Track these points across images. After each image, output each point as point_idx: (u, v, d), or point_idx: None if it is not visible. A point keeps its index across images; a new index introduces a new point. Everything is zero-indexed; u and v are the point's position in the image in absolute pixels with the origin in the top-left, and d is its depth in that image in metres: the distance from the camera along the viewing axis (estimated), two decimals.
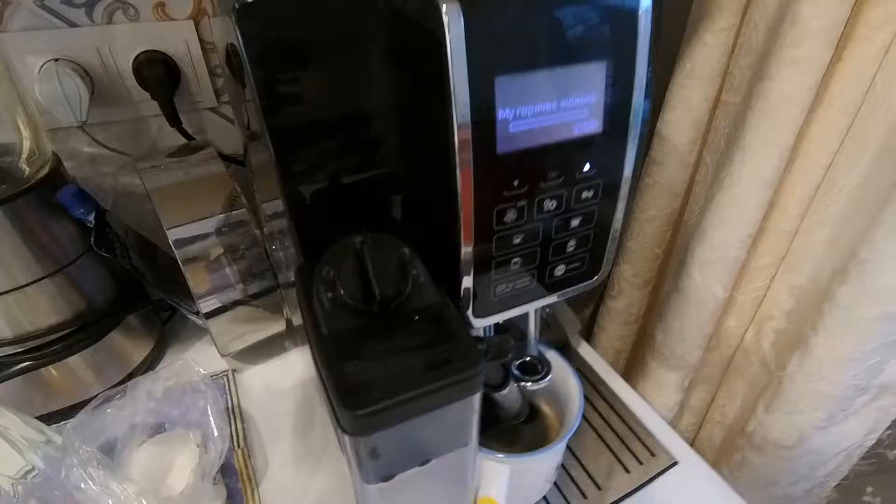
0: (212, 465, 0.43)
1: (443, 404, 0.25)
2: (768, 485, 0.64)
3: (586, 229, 0.33)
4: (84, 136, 0.62)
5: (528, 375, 0.40)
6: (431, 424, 0.26)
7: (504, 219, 0.29)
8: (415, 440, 0.26)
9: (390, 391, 0.24)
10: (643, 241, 0.73)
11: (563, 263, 0.34)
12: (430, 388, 0.24)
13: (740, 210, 0.52)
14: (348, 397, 0.23)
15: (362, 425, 0.23)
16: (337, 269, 0.27)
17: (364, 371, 0.24)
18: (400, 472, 0.27)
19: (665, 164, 0.65)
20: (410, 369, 0.25)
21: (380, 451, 0.25)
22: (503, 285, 0.32)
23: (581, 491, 0.47)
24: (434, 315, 0.28)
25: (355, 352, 0.25)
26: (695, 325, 0.63)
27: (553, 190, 0.30)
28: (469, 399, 0.26)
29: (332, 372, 0.24)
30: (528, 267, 0.32)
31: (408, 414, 0.24)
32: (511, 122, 0.27)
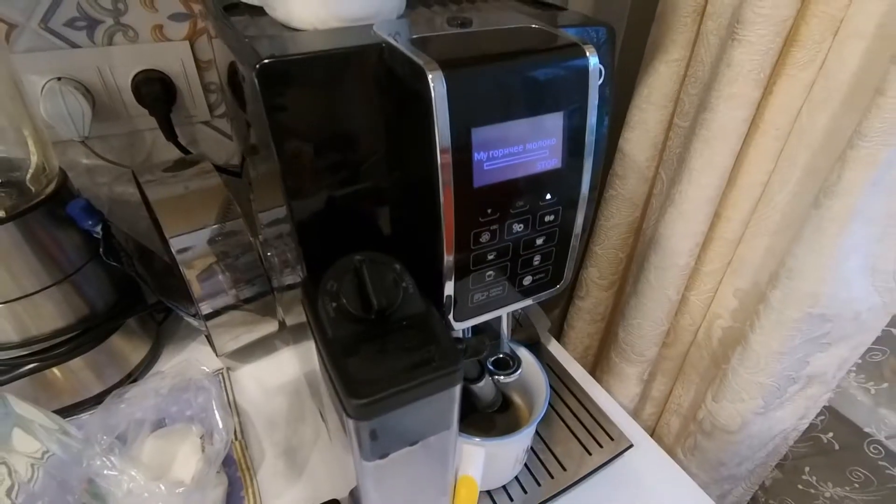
0: (218, 455, 0.48)
1: (429, 394, 0.30)
2: (717, 466, 0.72)
3: (549, 246, 0.39)
4: (82, 148, 0.65)
5: (502, 370, 0.45)
6: (420, 411, 0.31)
7: (480, 239, 0.35)
8: (406, 424, 0.32)
9: (387, 383, 0.29)
10: (608, 247, 0.79)
11: (531, 275, 0.40)
12: (419, 381, 0.30)
13: (688, 223, 0.59)
14: (354, 389, 0.29)
15: (365, 411, 0.29)
16: (339, 283, 0.33)
17: (365, 368, 0.30)
18: (393, 452, 0.32)
19: (626, 178, 0.72)
20: (402, 366, 0.30)
21: (378, 433, 0.30)
22: (479, 294, 0.38)
23: (548, 471, 0.54)
24: (421, 321, 0.33)
25: (357, 352, 0.31)
26: (652, 323, 0.70)
27: (520, 215, 0.35)
28: (451, 390, 0.31)
29: (339, 369, 0.30)
30: (501, 278, 0.38)
31: (401, 402, 0.29)
32: (485, 162, 0.32)
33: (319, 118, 0.33)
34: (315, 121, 0.33)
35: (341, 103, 0.33)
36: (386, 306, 0.32)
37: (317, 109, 0.32)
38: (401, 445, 0.33)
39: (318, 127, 0.33)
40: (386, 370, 0.30)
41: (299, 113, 0.32)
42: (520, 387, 0.53)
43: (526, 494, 0.51)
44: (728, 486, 0.76)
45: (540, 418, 0.45)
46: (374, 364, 0.30)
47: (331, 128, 0.34)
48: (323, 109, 0.32)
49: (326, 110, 0.32)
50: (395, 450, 0.33)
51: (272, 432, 0.61)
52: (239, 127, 0.56)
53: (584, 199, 0.38)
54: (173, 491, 0.42)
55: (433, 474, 0.37)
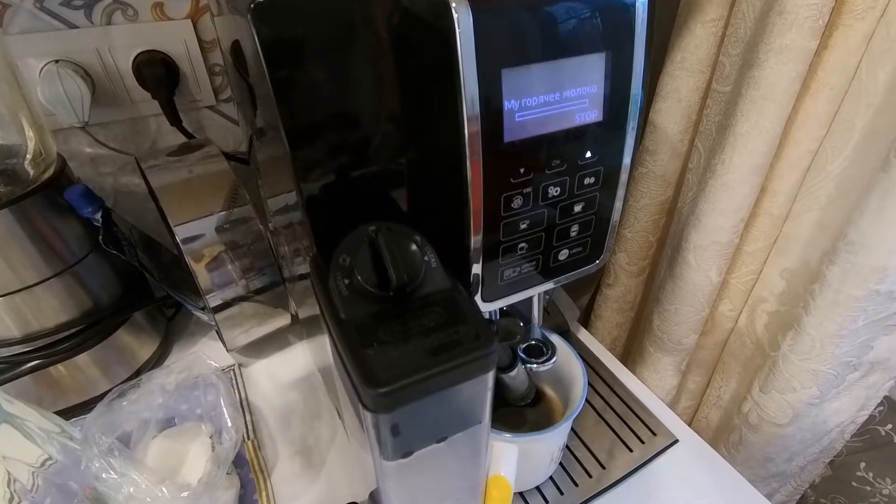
0: (227, 455, 0.44)
1: (458, 382, 0.26)
2: (764, 462, 0.66)
3: (588, 215, 0.34)
4: (85, 136, 0.62)
5: (534, 358, 0.41)
6: (448, 402, 0.27)
7: (511, 205, 0.30)
8: (432, 417, 0.28)
9: (409, 370, 0.25)
10: (637, 229, 0.74)
11: (567, 248, 0.35)
12: (446, 367, 0.25)
13: (732, 196, 0.54)
14: (371, 377, 0.24)
15: (384, 403, 0.25)
16: (352, 257, 0.28)
17: (383, 352, 0.26)
18: (418, 449, 0.28)
19: (658, 153, 0.67)
20: (427, 349, 0.26)
21: (400, 429, 0.26)
22: (510, 270, 0.34)
23: (586, 470, 0.49)
24: (447, 298, 0.29)
25: (374, 335, 0.27)
26: (690, 308, 0.65)
27: (556, 177, 0.31)
28: (483, 377, 0.27)
29: (353, 354, 0.26)
30: (534, 252, 0.34)
31: (426, 391, 0.25)
32: (517, 113, 0.28)
33: (325, 71, 0.29)
34: (320, 73, 0.29)
35: (350, 54, 0.28)
36: (407, 282, 0.27)
37: (322, 59, 0.28)
38: (426, 442, 0.28)
39: (324, 82, 0.29)
40: (408, 354, 0.26)
41: (302, 63, 0.28)
42: (552, 377, 0.48)
43: (562, 496, 0.47)
44: (776, 485, 0.71)
45: (578, 411, 0.40)
46: (394, 348, 0.26)
47: (339, 83, 0.29)
48: (329, 60, 0.28)
49: (333, 61, 0.28)
50: (420, 447, 0.28)
51: (287, 431, 0.58)
52: (244, 108, 0.52)
53: (628, 159, 0.33)
54: (178, 494, 0.39)
55: (463, 475, 0.33)
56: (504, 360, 0.36)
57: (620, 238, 0.78)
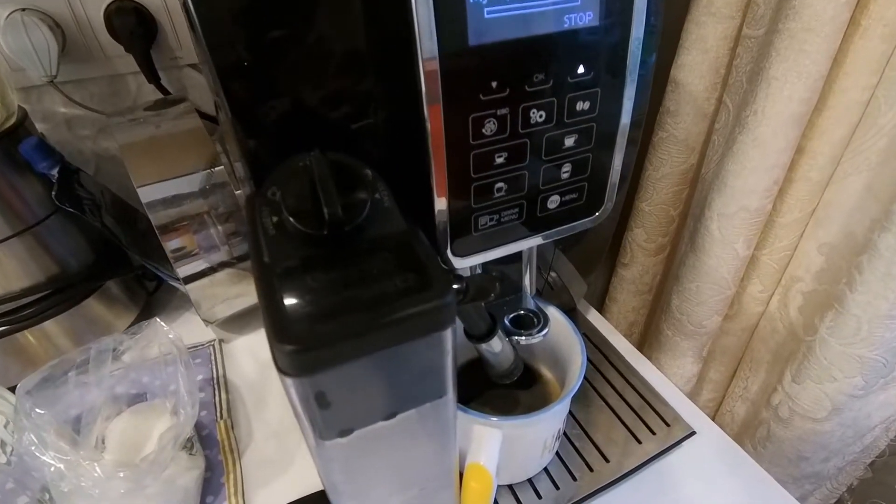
0: (179, 433, 0.39)
1: (401, 341, 0.21)
2: (796, 461, 0.59)
3: (582, 152, 0.28)
4: (58, 95, 0.59)
5: (524, 329, 0.35)
6: (392, 368, 0.22)
7: (482, 131, 0.25)
8: (373, 387, 0.22)
9: (335, 323, 0.20)
10: (656, 202, 0.67)
11: (557, 193, 0.29)
12: (384, 321, 0.20)
13: (765, 153, 0.47)
14: (285, 330, 0.19)
15: (299, 364, 0.19)
16: (282, 190, 0.23)
17: (307, 302, 0.20)
18: (360, 427, 0.23)
19: (680, 114, 0.60)
20: (362, 299, 0.20)
21: (329, 399, 0.21)
22: (487, 217, 0.28)
23: (586, 463, 0.43)
24: (399, 243, 0.23)
25: (299, 281, 0.21)
26: (713, 286, 0.58)
27: (540, 97, 0.25)
28: (436, 338, 0.21)
29: (270, 303, 0.20)
30: (516, 196, 0.28)
31: (356, 351, 0.20)
32: (486, 7, 0.22)
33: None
34: None
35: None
36: (343, 218, 0.22)
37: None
38: (370, 419, 0.23)
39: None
40: (337, 305, 0.20)
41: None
42: (549, 356, 0.42)
43: (558, 491, 0.41)
44: (810, 487, 0.63)
45: (574, 391, 0.34)
46: (321, 297, 0.20)
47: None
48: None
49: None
50: (363, 425, 0.23)
51: (264, 412, 0.53)
52: (203, 66, 0.48)
53: (634, 78, 0.27)
54: (115, 474, 0.34)
55: (425, 462, 0.28)
56: (481, 328, 0.30)
57: (637, 212, 0.71)
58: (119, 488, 0.35)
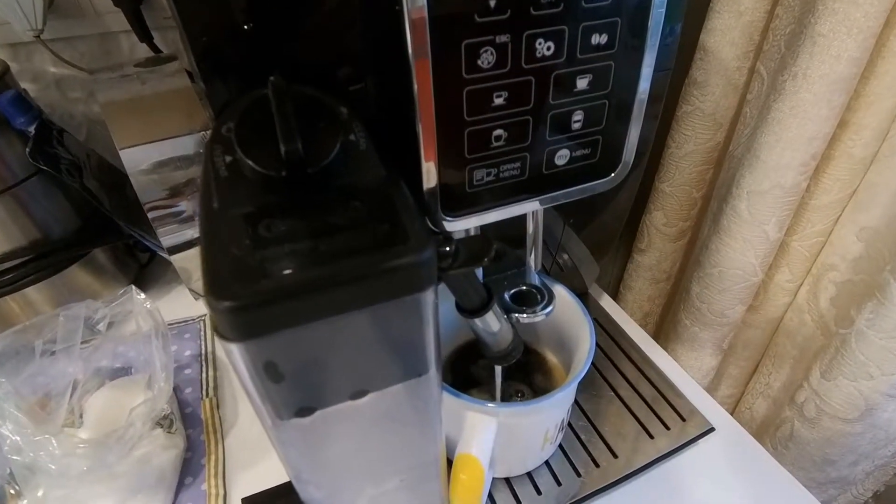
0: (153, 408, 0.37)
1: (367, 303, 0.17)
2: (821, 464, 0.55)
3: (598, 97, 0.24)
4: (48, 53, 0.56)
5: (527, 307, 0.31)
6: (358, 337, 0.18)
7: (477, 62, 0.21)
8: (336, 359, 0.19)
9: (283, 277, 0.16)
10: (678, 183, 0.63)
11: (567, 147, 0.25)
12: (346, 276, 0.16)
13: (804, 121, 0.42)
14: (222, 284, 0.16)
15: (243, 324, 0.16)
16: (237, 125, 0.20)
17: (252, 253, 0.17)
18: (323, 407, 0.20)
19: (708, 86, 0.55)
20: (320, 251, 0.17)
21: (282, 371, 0.18)
22: (483, 170, 0.24)
23: (592, 457, 0.39)
24: (374, 193, 0.20)
25: (250, 230, 0.18)
26: (738, 272, 0.53)
27: (548, 23, 0.21)
28: (411, 301, 0.18)
29: (208, 253, 0.17)
30: (518, 147, 0.24)
31: (313, 312, 0.16)
32: None
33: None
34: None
35: None
36: (305, 158, 0.18)
37: None
38: (334, 398, 0.20)
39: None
40: (288, 255, 0.17)
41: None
42: (554, 338, 0.39)
43: (560, 487, 0.37)
44: (834, 492, 0.59)
45: (581, 377, 0.31)
46: (270, 247, 0.17)
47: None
48: None
49: None
50: (326, 405, 0.20)
51: None
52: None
53: (660, 14, 0.23)
54: (72, 450, 0.31)
55: (404, 449, 0.24)
56: (473, 300, 0.26)
57: (657, 194, 0.66)
58: (80, 465, 0.32)
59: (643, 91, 0.25)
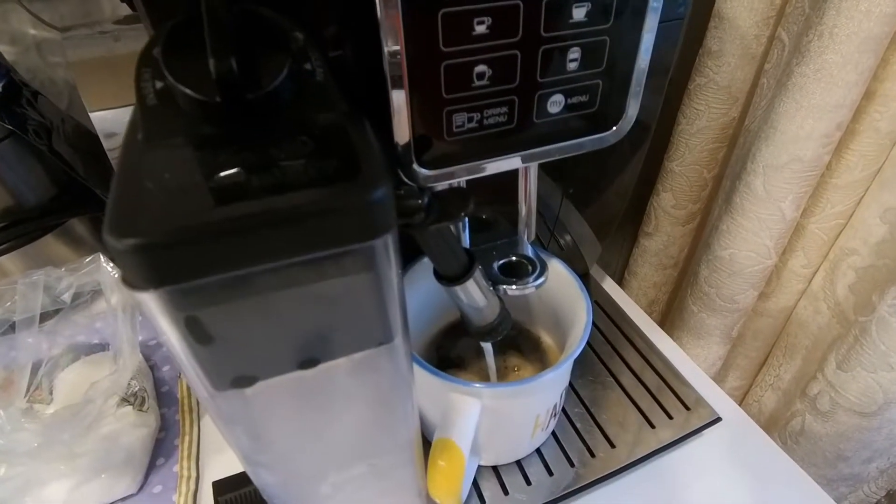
0: (115, 383, 0.34)
1: (305, 250, 0.14)
2: (834, 460, 0.52)
3: (598, 31, 0.21)
4: (26, 14, 0.53)
5: (518, 278, 0.28)
6: (300, 294, 0.15)
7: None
8: (276, 320, 0.16)
9: (202, 213, 0.13)
10: (689, 161, 0.59)
11: (561, 92, 0.22)
12: (278, 215, 0.13)
13: (830, 86, 0.38)
14: (127, 220, 0.13)
15: (150, 267, 0.13)
16: (167, 43, 0.17)
17: (171, 188, 0.14)
18: (266, 377, 0.17)
19: (723, 55, 0.51)
20: (251, 185, 0.14)
21: (210, 330, 0.15)
22: (464, 114, 0.21)
23: (588, 447, 0.37)
24: (328, 128, 0.17)
25: (172, 163, 0.15)
26: (751, 254, 0.50)
27: None
28: (363, 251, 0.15)
29: (119, 189, 0.14)
30: (504, 88, 0.21)
31: (237, 258, 0.14)
32: None
33: None
34: None
35: None
36: (240, 80, 0.15)
37: None
38: (279, 367, 0.17)
39: None
40: (211, 190, 0.14)
41: None
42: (549, 317, 0.36)
43: (552, 477, 0.34)
44: (844, 490, 0.56)
45: (575, 355, 0.28)
46: (190, 178, 0.14)
47: None
48: None
49: None
50: (269, 374, 0.17)
51: None
52: None
53: None
54: (21, 424, 0.29)
55: (370, 430, 0.22)
56: (451, 265, 0.23)
57: (666, 174, 0.63)
58: (30, 442, 0.30)
59: (651, 29, 0.22)
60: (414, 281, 0.32)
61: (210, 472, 0.40)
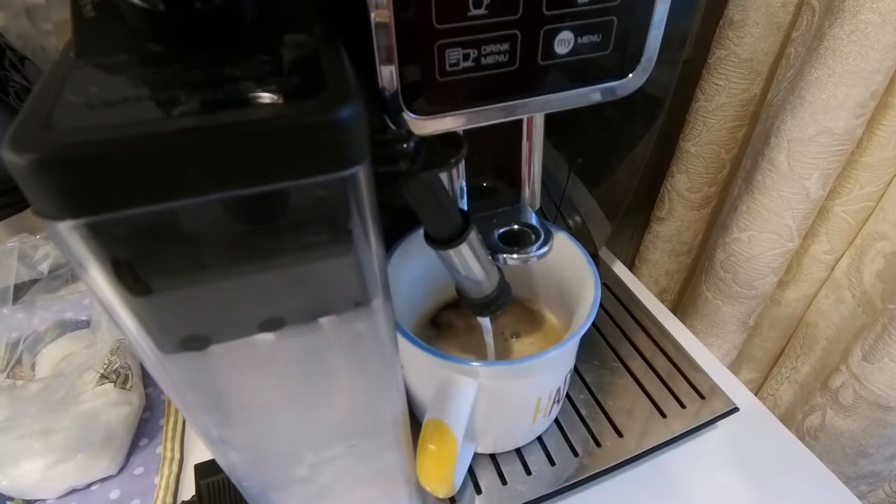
0: (90, 358, 0.32)
1: (255, 181, 0.12)
2: (854, 457, 0.49)
3: None
4: None
5: (520, 247, 0.26)
6: (262, 242, 0.13)
7: None
8: (227, 271, 0.13)
9: (127, 127, 0.11)
10: (706, 141, 0.56)
11: (570, 29, 0.19)
12: (221, 134, 0.11)
13: (865, 50, 0.35)
14: (33, 131, 0.11)
15: (59, 188, 0.11)
16: None
17: (94, 102, 0.12)
18: (220, 339, 0.14)
19: (746, 25, 0.48)
20: (190, 102, 0.12)
21: (146, 277, 0.12)
22: (459, 51, 0.18)
23: (593, 436, 0.34)
24: (293, 47, 0.14)
25: (104, 79, 0.13)
26: (772, 236, 0.47)
27: None
28: (328, 185, 0.12)
29: (34, 100, 0.12)
30: (505, 19, 0.18)
31: (173, 186, 0.11)
32: None
33: None
34: None
35: None
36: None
37: None
38: (236, 328, 0.14)
39: None
40: (143, 105, 0.11)
41: None
42: (554, 292, 0.33)
43: (553, 467, 0.32)
44: (864, 488, 0.53)
45: (581, 333, 0.25)
46: (123, 96, 0.12)
47: None
48: None
49: None
50: (225, 337, 0.14)
51: None
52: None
53: None
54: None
55: (348, 407, 0.19)
56: (442, 223, 0.21)
57: (681, 154, 0.59)
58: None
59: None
60: (412, 251, 0.30)
61: (195, 455, 0.38)
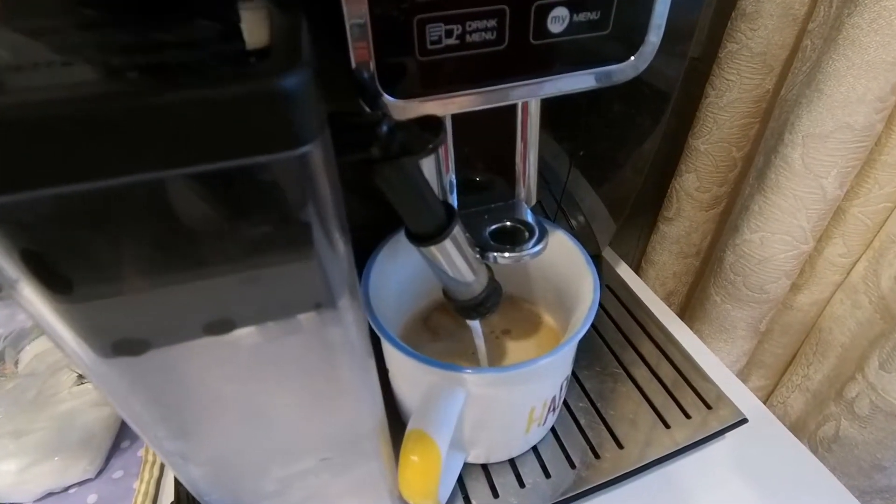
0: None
1: (189, 159, 0.10)
2: (869, 470, 0.47)
3: None
4: None
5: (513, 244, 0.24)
6: (199, 230, 0.11)
7: None
8: (167, 268, 0.12)
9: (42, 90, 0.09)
10: (716, 139, 0.54)
11: (566, 5, 0.18)
12: (148, 103, 0.09)
13: (888, 39, 0.33)
14: None
15: None
16: None
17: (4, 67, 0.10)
18: (160, 343, 0.13)
19: (760, 17, 0.46)
20: (116, 67, 0.10)
21: (67, 274, 0.11)
22: (442, 27, 0.17)
23: (592, 447, 0.32)
24: (247, 12, 0.13)
25: (22, 44, 0.11)
26: (785, 237, 0.45)
27: None
28: (274, 166, 0.11)
29: None
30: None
31: (94, 162, 0.10)
32: None
33: None
34: None
35: None
36: None
37: None
38: (179, 330, 0.13)
39: None
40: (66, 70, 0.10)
41: None
42: (551, 294, 0.31)
43: (549, 479, 0.30)
44: (880, 502, 0.51)
45: (578, 338, 0.23)
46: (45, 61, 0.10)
47: None
48: None
49: None
50: (166, 340, 0.13)
51: None
52: None
53: None
54: None
55: (318, 418, 0.18)
56: (423, 217, 0.19)
57: (690, 152, 0.57)
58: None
59: None
60: (401, 248, 0.28)
61: None
